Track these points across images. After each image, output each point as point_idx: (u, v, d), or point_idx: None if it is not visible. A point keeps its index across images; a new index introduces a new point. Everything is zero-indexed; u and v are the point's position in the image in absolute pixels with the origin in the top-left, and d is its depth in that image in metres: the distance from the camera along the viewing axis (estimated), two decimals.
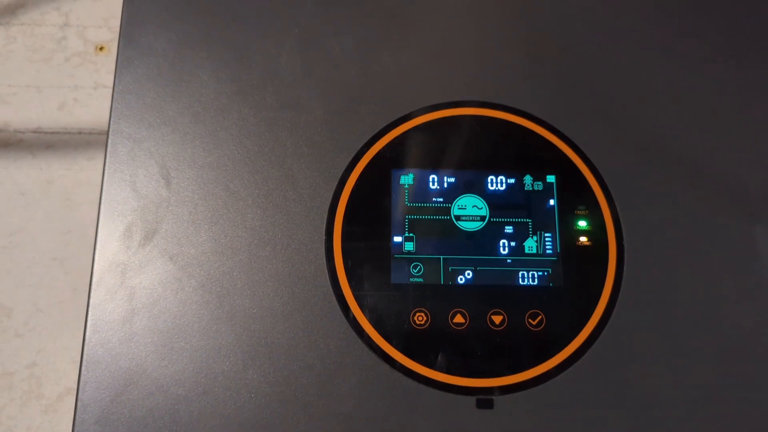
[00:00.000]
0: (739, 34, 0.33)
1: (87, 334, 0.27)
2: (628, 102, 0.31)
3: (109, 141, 0.30)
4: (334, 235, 0.29)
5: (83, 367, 0.27)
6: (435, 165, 0.30)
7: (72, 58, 0.44)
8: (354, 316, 0.28)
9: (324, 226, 0.29)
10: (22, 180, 0.42)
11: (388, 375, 0.27)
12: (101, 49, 0.45)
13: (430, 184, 0.30)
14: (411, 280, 0.29)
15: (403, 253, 0.29)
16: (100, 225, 0.29)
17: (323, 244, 0.29)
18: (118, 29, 0.44)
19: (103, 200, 0.29)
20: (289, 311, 0.28)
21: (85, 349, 0.27)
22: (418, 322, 0.28)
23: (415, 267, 0.29)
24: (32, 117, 0.43)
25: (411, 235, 0.29)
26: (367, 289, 0.28)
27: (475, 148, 0.31)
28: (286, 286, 0.28)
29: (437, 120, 0.31)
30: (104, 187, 0.29)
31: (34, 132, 0.43)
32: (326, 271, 0.28)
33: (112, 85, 0.43)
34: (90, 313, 0.28)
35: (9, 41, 0.44)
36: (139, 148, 0.30)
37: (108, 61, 0.44)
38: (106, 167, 0.30)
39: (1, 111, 0.43)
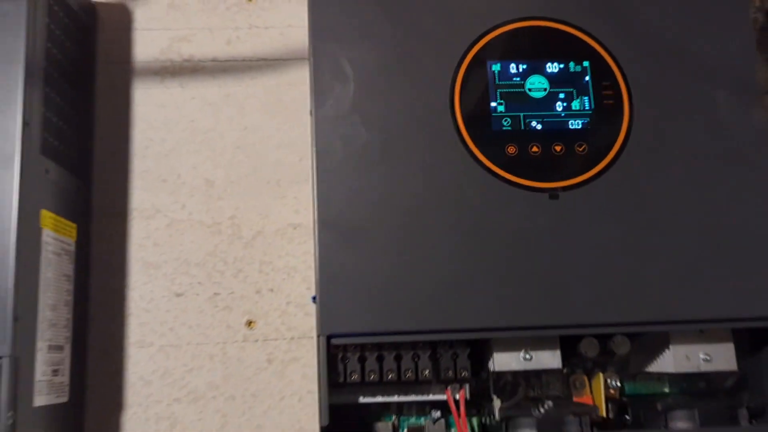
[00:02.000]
0: None
1: None
2: (640, 10, 0.49)
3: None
4: (455, 99, 0.46)
5: None
6: (514, 57, 0.48)
7: (231, 7, 0.61)
8: (470, 148, 0.45)
9: (448, 95, 0.46)
10: (208, 95, 0.59)
11: (493, 184, 0.45)
12: (250, 0, 0.62)
13: (511, 69, 0.47)
14: (503, 128, 0.46)
15: (497, 113, 0.46)
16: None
17: (448, 107, 0.46)
18: None
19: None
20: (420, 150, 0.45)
21: None
22: (509, 152, 0.46)
23: (505, 120, 0.46)
24: (209, 50, 0.60)
25: (501, 101, 0.47)
26: (477, 133, 0.46)
27: (539, 45, 0.48)
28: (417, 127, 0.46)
29: (514, 29, 0.48)
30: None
31: (212, 61, 0.60)
32: (451, 121, 0.46)
33: (261, 27, 0.60)
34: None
35: None
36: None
37: (256, 9, 0.61)
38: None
39: (187, 46, 0.60)
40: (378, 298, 0.43)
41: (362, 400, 0.46)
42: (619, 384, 0.50)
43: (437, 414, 0.47)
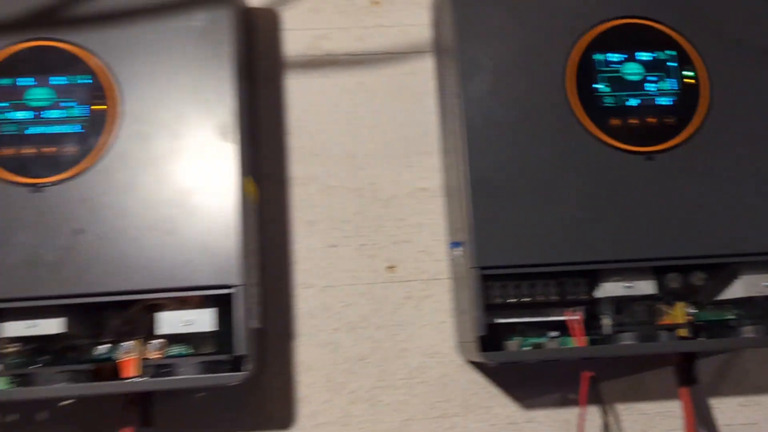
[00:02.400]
0: None
1: None
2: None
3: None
4: (567, 83, 0.58)
5: None
6: (614, 50, 0.60)
7: (360, 10, 0.73)
8: (581, 122, 0.58)
9: (561, 80, 0.58)
10: (345, 83, 0.71)
11: (602, 150, 0.57)
12: (375, 2, 0.74)
13: (611, 57, 0.59)
14: (605, 105, 0.58)
15: (601, 92, 0.59)
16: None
17: (563, 89, 0.58)
18: None
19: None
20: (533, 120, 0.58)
21: None
22: (613, 124, 0.58)
23: (610, 98, 0.59)
24: (343, 46, 0.72)
25: (607, 84, 0.59)
26: (587, 110, 0.58)
27: (633, 39, 0.60)
28: (540, 105, 0.58)
29: (613, 26, 0.60)
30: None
31: (346, 55, 0.72)
32: (565, 101, 0.58)
33: (386, 25, 0.72)
34: None
35: (321, 2, 0.73)
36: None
37: (381, 10, 0.73)
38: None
39: (326, 43, 0.72)
40: (517, 238, 0.56)
41: (496, 320, 0.58)
42: (695, 311, 0.62)
43: (555, 333, 0.60)
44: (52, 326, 0.55)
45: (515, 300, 0.56)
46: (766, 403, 0.66)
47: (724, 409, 0.66)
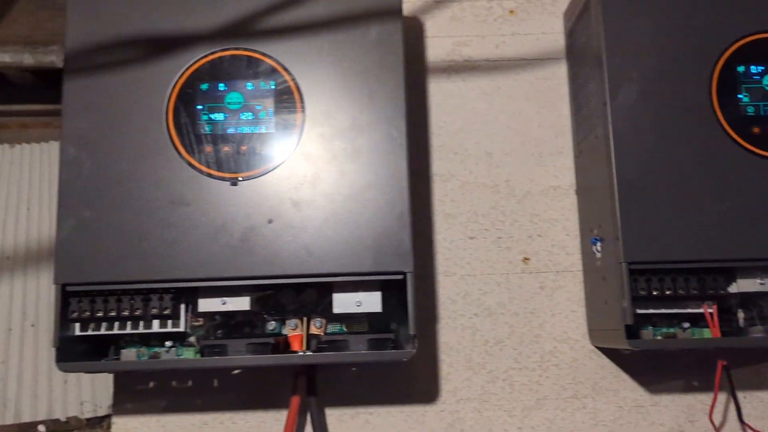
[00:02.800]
0: None
1: None
2: None
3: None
4: (713, 93, 0.63)
5: None
6: (755, 62, 0.64)
7: (498, 19, 0.78)
8: (724, 127, 0.62)
9: (706, 90, 0.63)
10: (483, 87, 0.77)
11: (743, 155, 0.62)
12: (511, 12, 0.79)
13: (752, 69, 0.64)
14: (747, 114, 0.63)
15: (744, 102, 0.63)
16: None
17: (708, 98, 0.63)
18: (521, 1, 0.78)
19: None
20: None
21: None
22: (755, 132, 0.62)
23: (752, 107, 0.63)
24: (482, 52, 0.78)
25: (746, 94, 0.63)
26: (731, 115, 0.62)
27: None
28: (684, 112, 0.62)
29: (755, 40, 0.64)
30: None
31: (485, 60, 0.78)
32: (710, 109, 0.62)
33: (522, 33, 0.77)
34: None
35: (461, 11, 0.79)
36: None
37: (517, 20, 0.79)
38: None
39: (466, 50, 0.77)
40: (662, 236, 0.61)
41: (640, 311, 0.63)
42: None
43: (687, 324, 0.65)
44: (241, 304, 0.63)
45: (658, 292, 0.61)
46: None
47: None
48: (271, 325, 0.66)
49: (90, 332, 0.62)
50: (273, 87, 0.63)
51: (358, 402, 0.70)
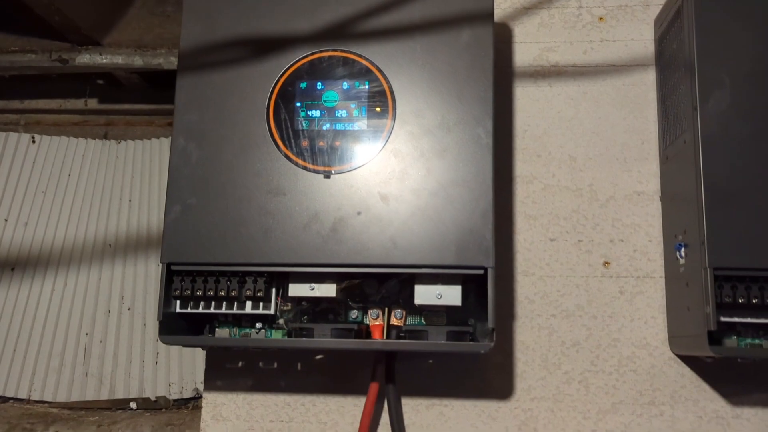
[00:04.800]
0: None
1: None
2: None
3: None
4: None
5: None
6: None
7: (587, 25, 0.79)
8: None
9: None
10: (570, 92, 0.78)
11: None
12: (601, 19, 0.80)
13: None
14: None
15: None
16: None
17: None
18: (610, 8, 0.79)
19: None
20: None
21: None
22: None
23: None
24: (569, 58, 0.79)
25: None
26: None
27: None
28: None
29: None
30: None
31: (572, 66, 0.79)
32: None
33: (610, 40, 0.78)
34: None
35: (550, 18, 0.80)
36: None
37: (606, 26, 0.79)
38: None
39: (553, 55, 0.79)
40: (749, 243, 0.60)
41: (724, 318, 0.63)
42: None
43: None
44: (328, 290, 0.66)
45: (743, 300, 0.61)
46: None
47: None
48: (354, 314, 0.69)
49: (189, 310, 0.68)
50: (367, 87, 0.67)
51: (433, 394, 0.73)
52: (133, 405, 1.27)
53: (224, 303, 0.67)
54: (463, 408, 0.72)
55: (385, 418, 0.72)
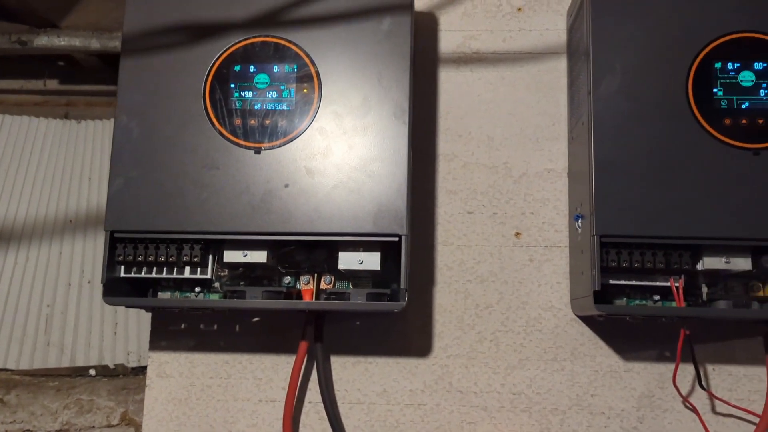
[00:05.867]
0: None
1: None
2: None
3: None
4: (689, 88, 0.69)
5: None
6: (732, 59, 0.69)
7: (506, 15, 0.86)
8: (697, 117, 0.68)
9: (683, 85, 0.69)
10: (489, 77, 0.85)
11: (715, 144, 0.67)
12: (519, 9, 0.86)
13: (729, 66, 0.69)
14: (720, 107, 0.69)
15: (718, 96, 0.69)
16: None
17: (684, 91, 0.69)
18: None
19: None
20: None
21: None
22: (725, 122, 0.68)
23: (725, 101, 0.69)
24: (490, 46, 0.85)
25: (723, 89, 0.69)
26: (705, 107, 0.68)
27: (749, 51, 0.70)
28: (654, 102, 0.69)
29: (732, 39, 0.70)
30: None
31: (492, 53, 0.86)
32: (685, 102, 0.69)
33: (527, 29, 0.84)
34: None
35: (473, 7, 0.87)
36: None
37: (523, 16, 0.86)
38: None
39: (475, 43, 0.85)
40: (633, 213, 0.67)
41: (611, 281, 0.70)
42: None
43: (657, 297, 0.71)
44: (259, 257, 0.72)
45: (627, 264, 0.68)
46: None
47: None
48: (287, 279, 0.75)
49: (133, 274, 0.74)
50: (295, 70, 0.73)
51: (360, 352, 0.80)
52: (92, 372, 1.32)
53: (164, 268, 0.73)
54: (386, 365, 0.79)
55: (315, 374, 0.79)
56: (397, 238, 0.69)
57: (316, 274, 0.75)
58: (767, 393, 0.71)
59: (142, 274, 0.73)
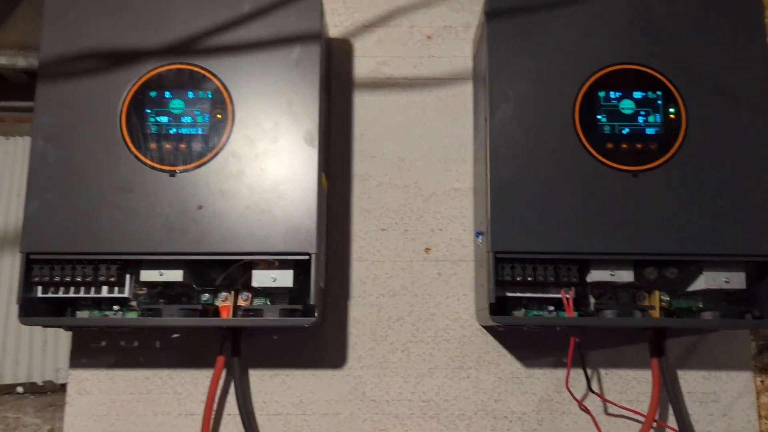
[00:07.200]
0: None
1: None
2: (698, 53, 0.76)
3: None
4: (576, 113, 0.75)
5: None
6: (613, 89, 0.76)
7: (417, 43, 0.90)
8: (583, 143, 0.74)
9: (570, 111, 0.75)
10: (401, 101, 0.90)
11: (598, 166, 0.74)
12: (429, 37, 0.91)
13: (611, 95, 0.76)
14: (604, 132, 0.75)
15: (601, 122, 0.75)
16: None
17: (571, 118, 0.75)
18: (438, 28, 0.90)
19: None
20: None
21: None
22: (608, 147, 0.74)
23: (608, 126, 0.75)
24: (401, 71, 0.90)
25: (606, 115, 0.75)
26: (588, 134, 0.75)
27: (629, 81, 0.76)
28: (545, 129, 0.75)
29: (615, 70, 0.76)
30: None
31: (403, 78, 0.90)
32: (572, 127, 0.75)
33: (436, 56, 0.89)
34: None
35: (386, 35, 0.91)
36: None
37: (433, 44, 0.91)
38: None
39: (387, 68, 0.90)
40: (526, 231, 0.73)
41: (508, 294, 0.75)
42: (668, 299, 0.78)
43: (551, 308, 0.77)
44: (175, 275, 0.75)
45: (520, 278, 0.74)
46: (723, 377, 0.82)
47: (689, 379, 0.82)
48: (205, 296, 0.78)
49: (50, 294, 0.75)
50: (210, 96, 0.76)
51: (277, 365, 0.83)
52: (19, 389, 1.32)
53: (82, 288, 0.75)
54: (302, 377, 0.83)
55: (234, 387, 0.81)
56: (307, 257, 0.73)
57: (233, 291, 0.78)
58: (652, 394, 0.77)
59: (60, 294, 0.75)
